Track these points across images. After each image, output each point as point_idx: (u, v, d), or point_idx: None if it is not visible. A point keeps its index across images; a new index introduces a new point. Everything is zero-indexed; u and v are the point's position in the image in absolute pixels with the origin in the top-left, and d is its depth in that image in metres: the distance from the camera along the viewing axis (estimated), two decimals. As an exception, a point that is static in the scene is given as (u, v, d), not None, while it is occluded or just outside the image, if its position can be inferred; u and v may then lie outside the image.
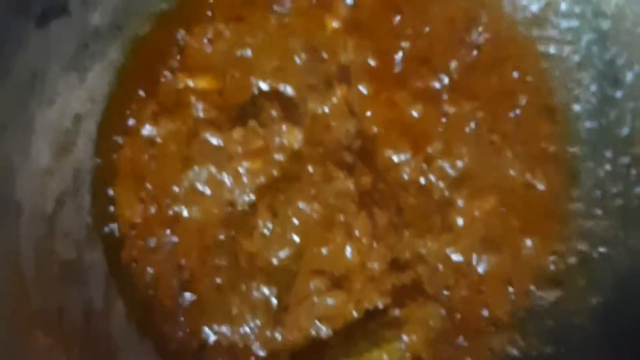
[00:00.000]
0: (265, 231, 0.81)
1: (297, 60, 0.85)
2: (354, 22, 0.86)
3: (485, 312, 0.83)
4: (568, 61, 0.87)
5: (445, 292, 0.83)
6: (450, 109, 0.86)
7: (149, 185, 0.83)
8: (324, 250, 0.81)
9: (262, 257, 0.81)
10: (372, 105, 0.85)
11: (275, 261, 0.81)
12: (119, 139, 0.84)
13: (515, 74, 0.87)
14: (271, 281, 0.81)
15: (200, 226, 0.83)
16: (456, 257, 0.84)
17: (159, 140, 0.84)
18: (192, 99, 0.83)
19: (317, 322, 0.80)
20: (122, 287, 0.82)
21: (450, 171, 0.85)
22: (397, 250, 0.83)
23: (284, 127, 0.83)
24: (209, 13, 0.86)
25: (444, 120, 0.86)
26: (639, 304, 0.79)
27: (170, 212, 0.83)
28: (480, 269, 0.84)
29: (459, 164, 0.85)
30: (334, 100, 0.84)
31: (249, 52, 0.85)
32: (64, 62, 0.79)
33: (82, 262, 0.81)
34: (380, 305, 0.81)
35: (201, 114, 0.83)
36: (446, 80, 0.86)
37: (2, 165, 0.74)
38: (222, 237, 0.82)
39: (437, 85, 0.86)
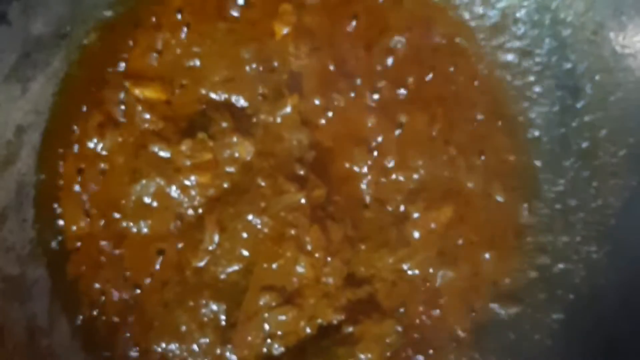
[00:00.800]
0: (214, 246, 0.79)
1: (248, 69, 0.83)
2: (304, 29, 0.83)
3: (443, 328, 0.81)
4: (527, 70, 0.85)
5: (402, 308, 0.81)
6: (406, 121, 0.83)
7: (95, 199, 0.81)
8: (274, 265, 0.79)
9: (210, 272, 0.79)
10: (325, 116, 0.83)
11: (223, 276, 0.79)
12: (64, 151, 0.81)
13: (473, 84, 0.85)
14: (220, 297, 0.78)
15: (147, 240, 0.80)
16: (413, 272, 0.82)
17: (105, 152, 0.81)
18: (139, 109, 0.81)
19: (268, 339, 0.78)
20: (67, 304, 0.79)
21: (405, 183, 0.83)
22: (353, 264, 0.81)
23: (234, 139, 0.81)
24: (155, 22, 0.83)
25: (399, 132, 0.83)
26: (598, 320, 0.77)
27: (118, 226, 0.80)
28: (438, 284, 0.82)
29: (415, 176, 0.83)
30: (286, 110, 0.82)
31: (197, 62, 0.83)
32: (5, 72, 0.77)
33: (26, 278, 0.78)
34: (335, 322, 0.79)
35: (148, 126, 0.81)
36: (401, 91, 0.84)
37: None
38: (169, 252, 0.80)
39: (392, 95, 0.84)
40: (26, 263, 0.79)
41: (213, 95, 0.83)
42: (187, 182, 0.80)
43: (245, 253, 0.79)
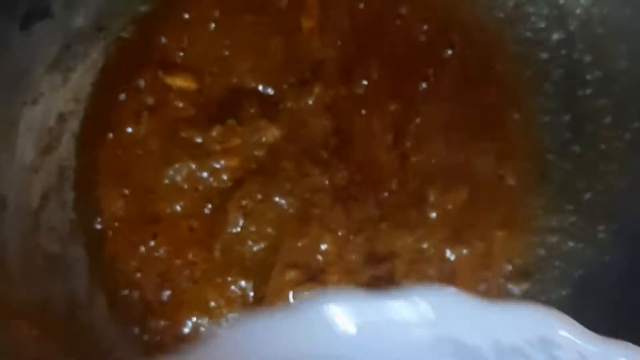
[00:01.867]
0: (241, 225, 0.84)
1: (274, 59, 0.88)
2: (329, 21, 0.88)
3: (458, 304, 0.86)
4: (537, 61, 0.90)
5: (420, 284, 0.85)
6: (424, 109, 0.88)
7: (131, 182, 0.86)
8: (299, 243, 0.84)
9: (237, 250, 0.83)
10: (347, 103, 0.88)
11: (250, 255, 0.83)
12: (102, 137, 0.86)
13: (487, 75, 0.90)
14: (247, 274, 0.83)
15: (179, 221, 0.85)
16: (430, 250, 0.86)
17: (140, 138, 0.86)
18: (172, 97, 0.86)
19: (294, 314, 0.83)
20: (105, 281, 0.84)
21: (424, 167, 0.87)
22: (375, 243, 0.85)
23: (262, 124, 0.86)
24: (187, 16, 0.88)
25: (418, 119, 0.88)
26: (605, 295, 0.81)
27: (152, 208, 0.85)
28: (453, 262, 0.86)
29: (432, 160, 0.87)
30: (311, 98, 0.87)
31: (226, 52, 0.88)
32: (48, 63, 0.82)
33: (66, 256, 0.83)
34: (356, 298, 0.84)
35: (181, 113, 0.86)
36: (419, 81, 0.89)
37: (-12, 163, 0.76)
38: (199, 231, 0.84)
39: (412, 85, 0.89)
40: (67, 242, 0.84)
41: (242, 84, 0.88)
42: (217, 166, 0.85)
43: (272, 232, 0.84)
